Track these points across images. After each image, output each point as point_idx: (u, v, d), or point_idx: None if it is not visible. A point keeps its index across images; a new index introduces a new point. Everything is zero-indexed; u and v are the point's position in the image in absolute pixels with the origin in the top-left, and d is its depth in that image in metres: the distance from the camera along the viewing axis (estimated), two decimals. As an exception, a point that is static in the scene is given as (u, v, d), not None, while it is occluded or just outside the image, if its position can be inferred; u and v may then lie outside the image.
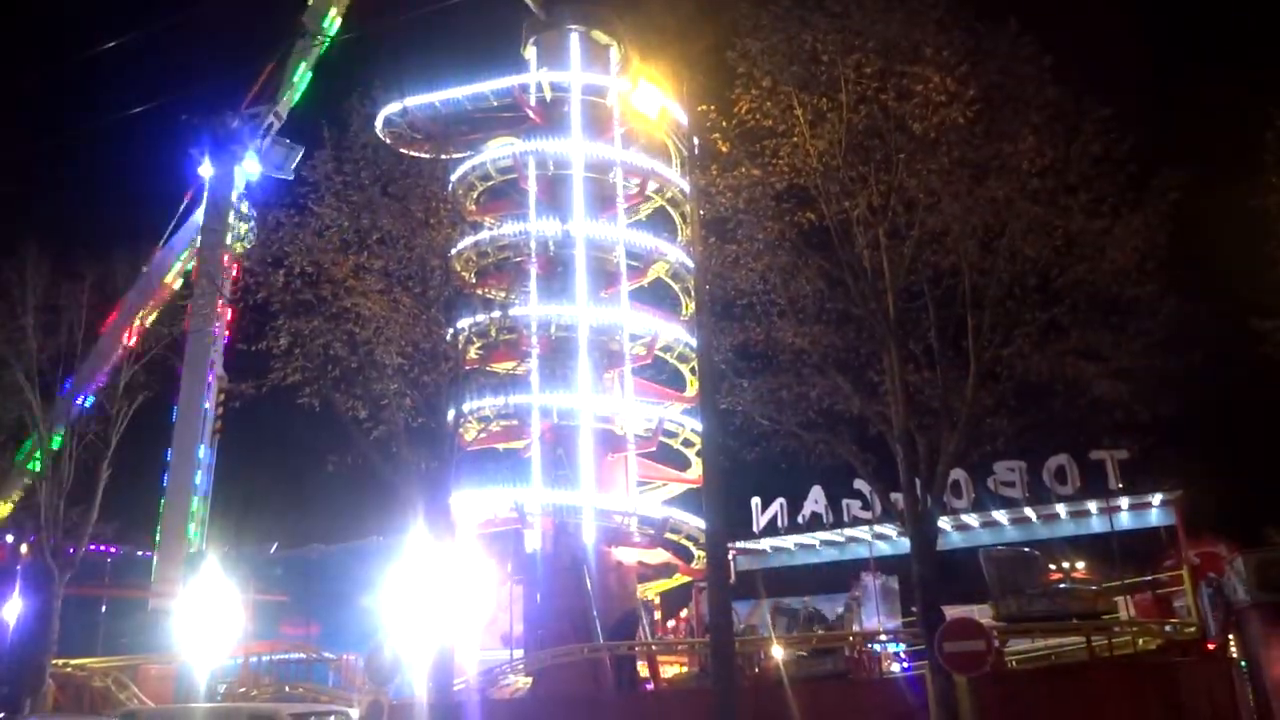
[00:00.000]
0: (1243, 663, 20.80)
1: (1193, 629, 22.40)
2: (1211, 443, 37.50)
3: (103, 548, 44.24)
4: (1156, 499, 25.87)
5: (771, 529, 29.83)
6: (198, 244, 53.03)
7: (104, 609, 43.64)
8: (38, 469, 26.07)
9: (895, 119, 16.75)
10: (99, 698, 28.33)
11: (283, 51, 57.27)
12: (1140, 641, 23.08)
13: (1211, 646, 21.44)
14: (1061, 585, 25.15)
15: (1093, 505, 26.46)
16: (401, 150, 27.73)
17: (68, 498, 26.73)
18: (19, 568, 35.66)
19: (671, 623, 38.54)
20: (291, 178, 54.67)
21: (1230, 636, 21.38)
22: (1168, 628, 23.47)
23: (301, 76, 58.18)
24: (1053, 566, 29.92)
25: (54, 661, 26.64)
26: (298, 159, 55.47)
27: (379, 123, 35.33)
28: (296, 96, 57.92)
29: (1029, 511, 27.22)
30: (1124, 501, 26.17)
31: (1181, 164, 16.07)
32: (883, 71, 16.69)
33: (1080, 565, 34.49)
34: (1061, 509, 26.95)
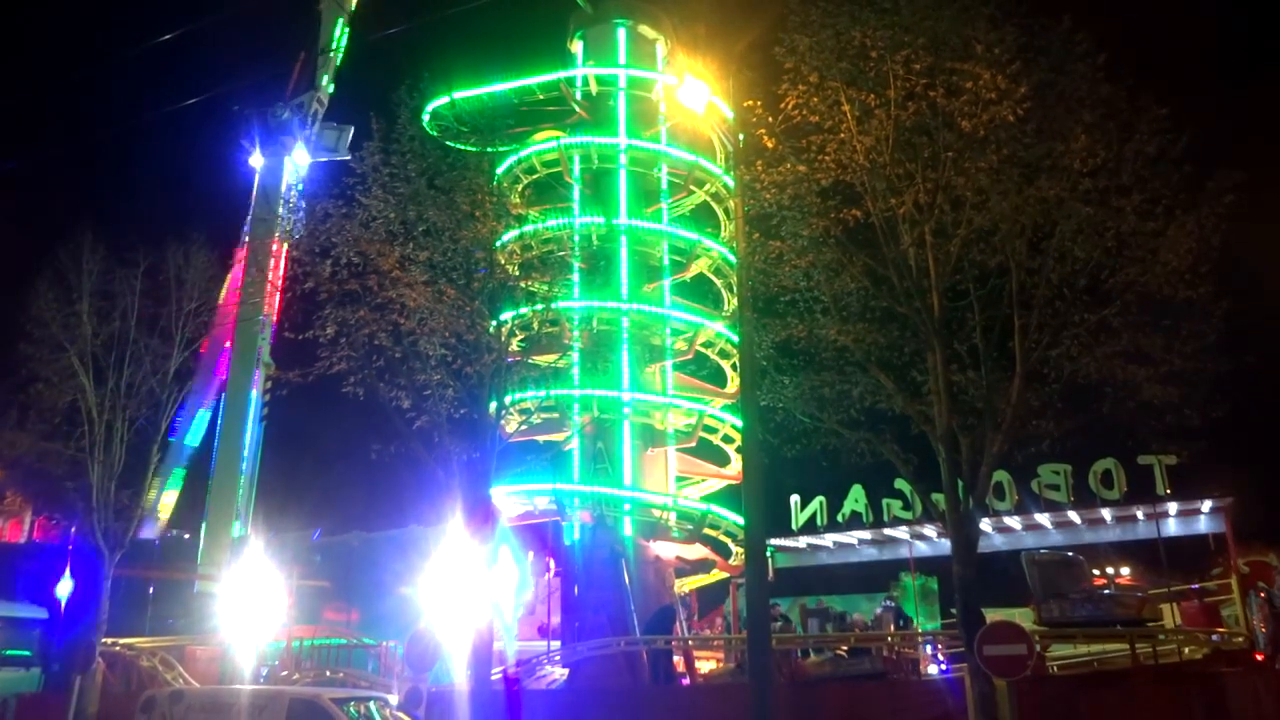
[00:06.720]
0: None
1: (1241, 639, 21.98)
2: (1264, 448, 36.75)
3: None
4: (1206, 505, 25.37)
5: (811, 527, 29.65)
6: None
7: (151, 590, 44.42)
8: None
9: (944, 116, 16.57)
10: (146, 677, 28.93)
11: (310, 39, 58.13)
12: (1186, 650, 22.69)
13: (1260, 657, 21.03)
14: (1106, 591, 24.73)
15: (1139, 510, 26.02)
16: (448, 144, 27.92)
17: (118, 481, 27.28)
18: (70, 549, 36.53)
19: (706, 628, 38.41)
20: (348, 156, 55.40)
21: (1280, 647, 20.94)
22: (1215, 637, 23.05)
23: (340, 34, 58.75)
24: (1097, 571, 29.43)
25: (103, 640, 27.22)
26: (349, 137, 56.19)
27: (425, 115, 35.70)
28: (339, 60, 58.51)
29: (1073, 515, 26.80)
30: (1172, 507, 25.68)
31: (1237, 164, 15.75)
32: (932, 68, 16.54)
33: (1125, 571, 33.92)
34: (1107, 513, 26.51)
